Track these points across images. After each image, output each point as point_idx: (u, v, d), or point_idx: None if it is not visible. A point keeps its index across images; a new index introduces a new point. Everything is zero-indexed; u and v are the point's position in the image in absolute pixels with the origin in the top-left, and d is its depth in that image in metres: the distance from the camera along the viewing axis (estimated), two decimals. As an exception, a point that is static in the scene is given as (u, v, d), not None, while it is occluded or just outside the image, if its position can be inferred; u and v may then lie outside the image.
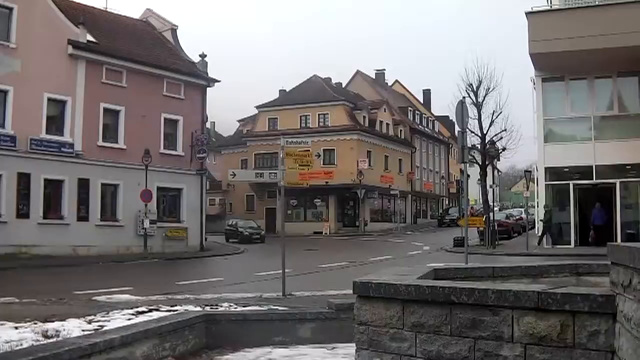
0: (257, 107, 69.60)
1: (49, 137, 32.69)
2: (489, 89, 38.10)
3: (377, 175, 65.31)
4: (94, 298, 15.73)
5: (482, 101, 37.97)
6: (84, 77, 34.48)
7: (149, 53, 39.26)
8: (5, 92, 30.97)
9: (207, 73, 42.32)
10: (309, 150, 18.42)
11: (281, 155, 16.84)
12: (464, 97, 27.18)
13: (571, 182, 30.13)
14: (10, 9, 31.59)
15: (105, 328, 9.65)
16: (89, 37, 34.98)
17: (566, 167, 30.65)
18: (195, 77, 41.23)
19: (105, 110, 35.59)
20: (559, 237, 30.84)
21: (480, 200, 44.59)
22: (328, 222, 62.04)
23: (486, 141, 38.37)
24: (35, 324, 10.28)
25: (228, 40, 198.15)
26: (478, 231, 38.07)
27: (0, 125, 30.82)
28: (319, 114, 64.67)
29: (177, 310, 11.70)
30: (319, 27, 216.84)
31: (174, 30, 44.21)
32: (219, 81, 42.98)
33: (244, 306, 12.71)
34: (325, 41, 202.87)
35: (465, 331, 5.01)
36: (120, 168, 35.42)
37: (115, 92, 35.80)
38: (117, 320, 10.69)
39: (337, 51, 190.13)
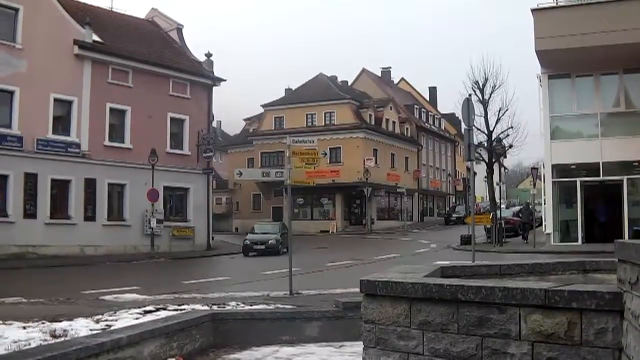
0: (263, 106, 69.59)
1: (55, 137, 32.79)
2: (495, 86, 38.12)
3: (384, 173, 65.27)
4: (101, 297, 15.78)
5: (489, 98, 37.99)
6: (89, 77, 34.59)
7: (154, 53, 39.33)
8: (11, 93, 31.08)
9: (213, 72, 42.40)
10: (315, 149, 18.43)
11: (287, 154, 16.85)
12: (470, 95, 27.08)
13: (578, 179, 30.02)
14: (16, 10, 31.67)
15: (112, 327, 9.67)
16: (95, 37, 35.07)
17: (573, 164, 30.56)
18: (201, 77, 41.32)
19: (112, 110, 35.70)
20: (566, 234, 30.75)
21: (487, 198, 44.51)
22: (335, 220, 62.02)
23: (493, 139, 38.36)
24: (43, 323, 10.32)
25: (233, 40, 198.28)
26: (485, 229, 38.04)
27: (7, 125, 30.92)
28: (325, 113, 64.62)
29: (184, 309, 11.72)
30: (325, 25, 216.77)
31: (179, 29, 44.32)
32: (224, 80, 43.13)
33: (251, 305, 12.72)
34: (331, 40, 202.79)
35: (473, 329, 5.00)
36: (127, 168, 35.50)
37: (121, 92, 35.90)
38: (125, 320, 10.72)
39: (342, 50, 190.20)
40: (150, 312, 11.61)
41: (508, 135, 39.06)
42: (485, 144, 38.85)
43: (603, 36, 25.81)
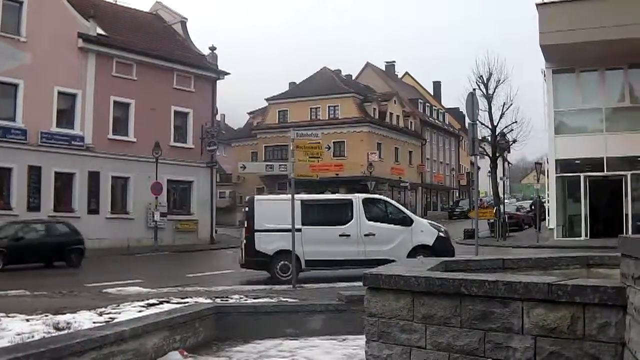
0: (267, 100, 69.63)
1: (59, 130, 32.84)
2: (499, 80, 38.24)
3: (388, 167, 65.26)
4: (104, 290, 15.80)
5: (493, 93, 38.09)
6: (94, 70, 34.62)
7: (158, 46, 39.31)
8: (15, 86, 31.12)
9: (217, 65, 42.39)
10: (319, 143, 18.41)
11: (291, 148, 16.84)
12: (474, 89, 27.08)
13: (582, 174, 29.99)
14: (21, 3, 31.72)
15: (116, 320, 9.69)
16: (99, 31, 35.08)
17: (577, 159, 30.52)
18: (205, 70, 41.32)
19: (116, 103, 35.73)
20: (569, 229, 30.72)
21: (491, 193, 44.54)
22: (338, 214, 61.91)
23: (497, 133, 38.39)
24: (47, 316, 10.34)
25: (238, 32, 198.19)
26: (488, 223, 38.08)
27: (11, 118, 30.97)
28: (329, 106, 64.64)
29: (187, 302, 11.73)
30: (330, 19, 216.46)
31: (183, 22, 44.30)
32: (228, 74, 43.10)
33: (254, 298, 12.74)
34: (335, 33, 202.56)
35: (476, 323, 5.00)
36: (131, 161, 35.55)
37: (125, 85, 35.92)
38: (128, 313, 10.73)
39: (347, 43, 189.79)
40: (153, 305, 11.62)
41: (512, 130, 39.17)
42: (489, 139, 38.90)
43: (608, 31, 25.71)
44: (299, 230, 17.96)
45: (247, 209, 19.32)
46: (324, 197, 23.25)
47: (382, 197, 22.14)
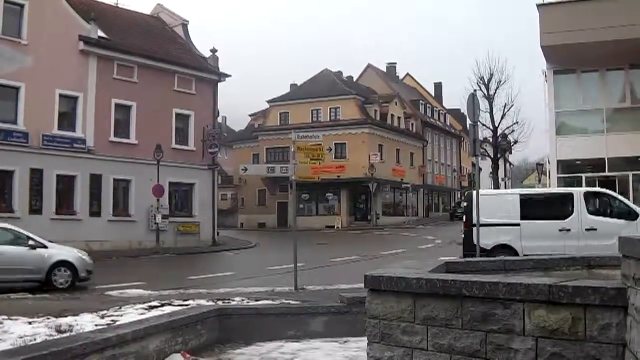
0: (268, 102, 69.70)
1: (61, 133, 32.83)
2: (500, 81, 38.30)
3: (389, 168, 65.26)
4: (106, 293, 15.83)
5: (494, 94, 38.16)
6: (95, 72, 34.61)
7: (160, 48, 39.35)
8: (17, 89, 31.11)
9: (218, 68, 42.42)
10: (320, 144, 18.44)
11: (292, 150, 16.85)
12: (475, 90, 27.10)
13: (583, 175, 29.96)
14: (22, 6, 31.70)
15: (118, 323, 9.71)
16: (100, 33, 35.09)
17: (578, 160, 30.51)
18: (206, 72, 41.33)
19: (117, 105, 35.72)
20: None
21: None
22: (340, 215, 62.05)
23: (498, 134, 38.41)
24: (49, 318, 10.37)
25: (239, 34, 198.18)
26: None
27: (12, 121, 30.98)
28: (330, 108, 64.68)
29: (189, 304, 11.75)
30: (331, 21, 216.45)
31: (184, 25, 44.33)
32: (229, 76, 43.11)
33: (256, 300, 12.76)
34: (336, 35, 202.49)
35: (477, 324, 5.01)
36: (132, 163, 35.55)
37: (126, 87, 35.93)
38: (130, 315, 10.75)
39: (348, 45, 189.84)
40: (155, 307, 11.65)
41: (513, 130, 39.23)
42: (491, 140, 38.93)
43: (609, 31, 25.69)
44: (518, 224, 18.57)
45: (465, 203, 19.65)
46: (543, 191, 23.01)
47: (605, 190, 21.30)
